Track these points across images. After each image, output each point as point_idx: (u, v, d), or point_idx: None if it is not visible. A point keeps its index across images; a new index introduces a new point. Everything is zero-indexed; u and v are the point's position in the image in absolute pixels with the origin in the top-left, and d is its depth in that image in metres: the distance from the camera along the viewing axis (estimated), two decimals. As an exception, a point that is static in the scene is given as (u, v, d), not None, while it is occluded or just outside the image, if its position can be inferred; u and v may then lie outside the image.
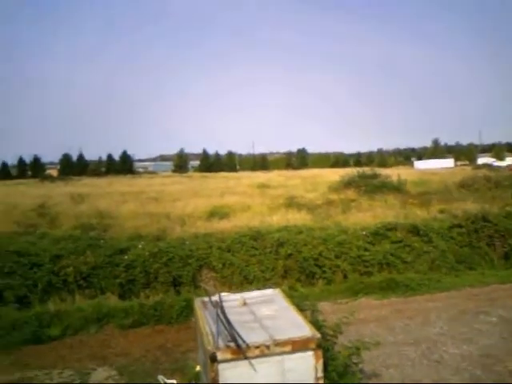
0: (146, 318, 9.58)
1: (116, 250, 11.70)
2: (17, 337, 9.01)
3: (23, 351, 8.65)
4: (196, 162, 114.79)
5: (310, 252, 11.81)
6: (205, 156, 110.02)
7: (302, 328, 4.43)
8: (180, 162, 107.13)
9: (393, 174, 35.14)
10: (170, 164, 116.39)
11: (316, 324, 5.69)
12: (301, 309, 5.74)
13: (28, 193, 38.58)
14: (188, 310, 9.60)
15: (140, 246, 11.80)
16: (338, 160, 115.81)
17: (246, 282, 11.21)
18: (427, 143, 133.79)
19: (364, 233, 12.93)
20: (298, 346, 4.11)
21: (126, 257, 11.38)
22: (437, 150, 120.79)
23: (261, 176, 61.41)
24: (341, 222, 16.03)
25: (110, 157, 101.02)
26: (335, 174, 43.85)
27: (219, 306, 5.71)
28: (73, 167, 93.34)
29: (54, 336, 9.09)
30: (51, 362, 8.18)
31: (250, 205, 23.42)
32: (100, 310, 9.68)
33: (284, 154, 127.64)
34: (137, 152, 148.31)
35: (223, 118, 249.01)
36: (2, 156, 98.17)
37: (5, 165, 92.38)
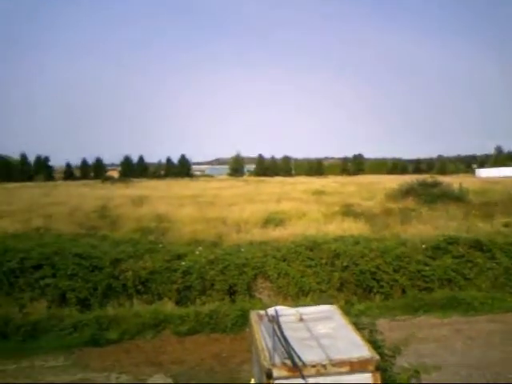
0: (201, 326, 9.66)
1: (174, 255, 11.84)
2: (78, 338, 9.35)
3: (84, 352, 8.93)
4: (252, 166, 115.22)
5: (367, 265, 11.55)
6: (260, 160, 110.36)
7: (360, 348, 4.32)
8: (236, 166, 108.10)
9: (454, 182, 34.05)
10: (225, 167, 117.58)
11: (374, 344, 5.56)
12: (359, 327, 5.62)
13: (90, 194, 40.00)
14: (243, 320, 9.62)
15: (197, 253, 11.92)
16: (395, 166, 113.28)
17: (301, 293, 11.10)
18: (490, 150, 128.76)
19: (424, 246, 12.53)
20: (356, 366, 4.02)
21: (183, 263, 11.49)
22: (499, 158, 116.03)
23: (316, 182, 61.07)
24: (399, 233, 15.65)
25: (168, 160, 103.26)
26: (393, 181, 43.01)
27: (275, 321, 5.66)
28: (133, 169, 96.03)
29: (112, 339, 9.33)
30: (109, 365, 8.39)
31: (306, 212, 23.24)
32: (157, 316, 9.83)
33: (339, 159, 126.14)
34: (194, 155, 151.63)
35: (279, 122, 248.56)
36: (66, 157, 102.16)
37: (69, 166, 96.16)
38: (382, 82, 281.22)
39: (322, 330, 5.02)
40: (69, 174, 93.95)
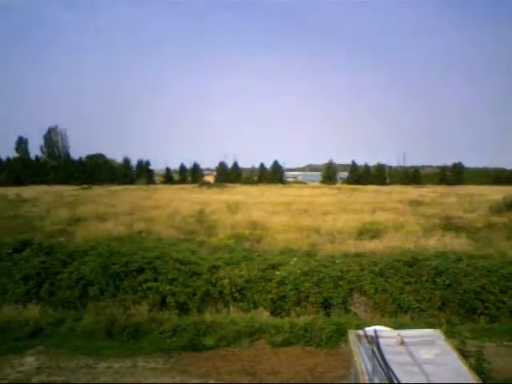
0: (296, 338, 9.63)
1: (269, 264, 11.92)
2: (177, 342, 9.68)
3: (182, 357, 9.23)
4: (344, 173, 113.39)
5: (471, 284, 10.94)
6: (353, 167, 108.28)
7: (466, 378, 4.12)
8: (328, 173, 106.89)
9: None
10: (318, 174, 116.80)
11: (482, 374, 5.25)
12: (464, 353, 5.34)
13: (188, 198, 41.41)
14: (338, 335, 9.51)
15: (291, 263, 11.92)
16: (499, 176, 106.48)
17: (399, 310, 10.73)
18: None
19: (534, 266, 11.66)
20: (462, 398, 3.85)
21: (277, 272, 11.55)
22: None
23: (412, 191, 58.93)
24: (506, 250, 14.72)
25: (262, 165, 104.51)
26: (497, 193, 40.70)
27: (375, 342, 5.51)
28: (227, 174, 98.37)
29: (209, 345, 9.55)
30: (206, 371, 8.61)
31: (403, 223, 22.53)
32: (252, 325, 9.95)
33: (437, 167, 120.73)
34: (287, 161, 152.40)
35: (373, 128, 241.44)
36: (166, 162, 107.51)
37: (168, 170, 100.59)
38: (484, 87, 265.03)
39: (425, 356, 4.84)
40: (168, 177, 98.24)
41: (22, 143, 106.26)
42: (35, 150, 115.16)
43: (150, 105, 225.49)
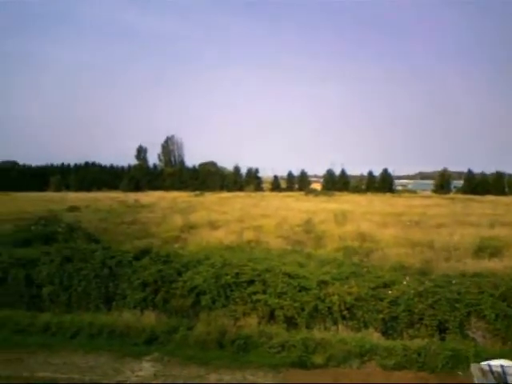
0: (408, 362, 9.22)
1: (380, 282, 11.50)
2: (285, 358, 9.67)
3: (290, 373, 9.21)
4: (459, 182, 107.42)
5: None
6: (469, 175, 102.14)
7: None
8: (441, 182, 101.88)
9: None
10: (429, 182, 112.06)
11: None
12: None
13: (294, 206, 41.73)
14: (454, 361, 9.04)
15: (405, 283, 11.45)
16: None
17: (523, 340, 9.92)
18: None
19: None
20: None
21: (389, 292, 11.14)
22: None
23: (538, 202, 54.55)
24: None
25: (370, 173, 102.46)
26: None
27: (502, 381, 5.19)
28: (335, 182, 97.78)
29: (318, 364, 9.44)
30: (315, 390, 8.54)
31: (526, 240, 20.88)
32: (363, 345, 9.65)
33: None
34: (396, 168, 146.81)
35: (492, 132, 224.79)
36: (274, 169, 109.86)
37: (276, 178, 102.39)
38: None
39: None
40: (276, 185, 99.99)
41: (141, 152, 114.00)
42: (153, 158, 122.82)
43: (259, 114, 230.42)
